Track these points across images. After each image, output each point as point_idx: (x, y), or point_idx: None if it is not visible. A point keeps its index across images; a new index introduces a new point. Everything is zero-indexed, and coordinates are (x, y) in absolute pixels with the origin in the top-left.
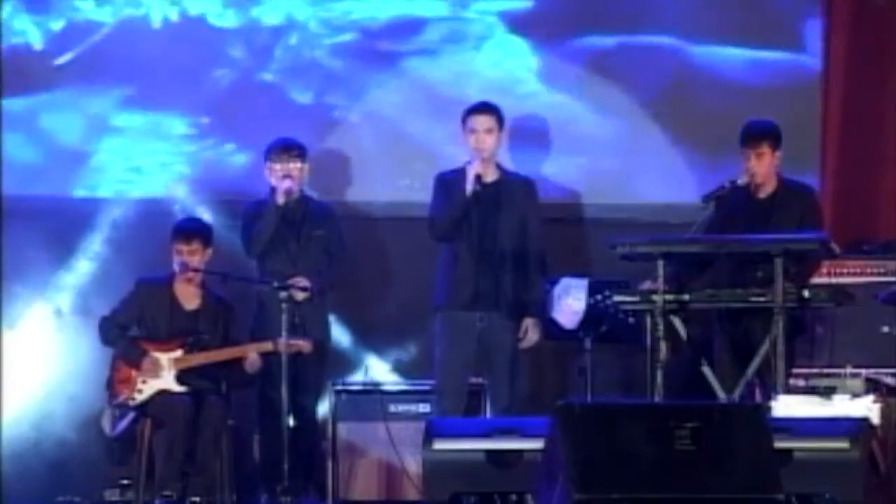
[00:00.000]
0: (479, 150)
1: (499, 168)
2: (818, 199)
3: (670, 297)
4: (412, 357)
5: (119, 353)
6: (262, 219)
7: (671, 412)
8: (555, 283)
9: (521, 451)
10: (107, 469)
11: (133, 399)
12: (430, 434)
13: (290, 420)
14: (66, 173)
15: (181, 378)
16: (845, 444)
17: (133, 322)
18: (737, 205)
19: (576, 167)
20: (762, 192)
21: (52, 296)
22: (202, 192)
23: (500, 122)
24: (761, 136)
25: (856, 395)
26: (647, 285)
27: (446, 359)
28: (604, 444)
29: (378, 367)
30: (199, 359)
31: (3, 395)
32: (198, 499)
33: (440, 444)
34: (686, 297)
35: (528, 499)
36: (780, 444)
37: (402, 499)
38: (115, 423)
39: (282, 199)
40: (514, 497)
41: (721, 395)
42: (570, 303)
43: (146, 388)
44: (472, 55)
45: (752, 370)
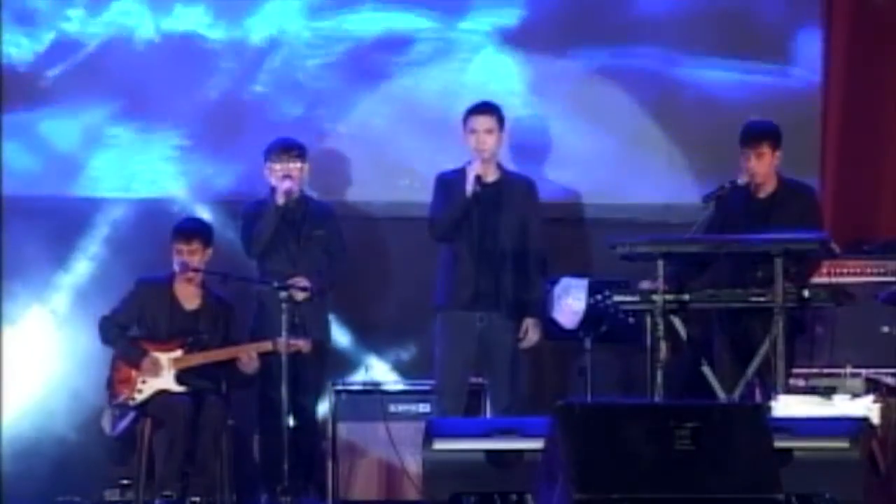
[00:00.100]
0: (480, 151)
1: (499, 168)
2: (818, 199)
3: (670, 297)
4: (412, 357)
5: (119, 352)
6: (262, 219)
7: (671, 412)
8: (555, 283)
9: (521, 451)
10: (107, 469)
11: (133, 399)
12: (430, 434)
13: (290, 420)
14: (61, 178)
15: (181, 378)
16: (845, 444)
17: (133, 322)
18: (737, 205)
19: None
20: (762, 192)
21: (51, 295)
22: (202, 192)
23: (500, 122)
24: (761, 136)
25: (856, 395)
26: (646, 285)
27: (446, 359)
28: (604, 444)
29: (378, 367)
30: (198, 359)
31: (3, 394)
32: (198, 499)
33: (440, 444)
34: (686, 297)
35: (528, 499)
36: (780, 444)
37: (402, 499)
38: (115, 422)
39: (282, 199)
40: (514, 497)
41: (721, 395)
42: (570, 303)
43: (146, 388)
44: (461, 69)
45: (752, 370)
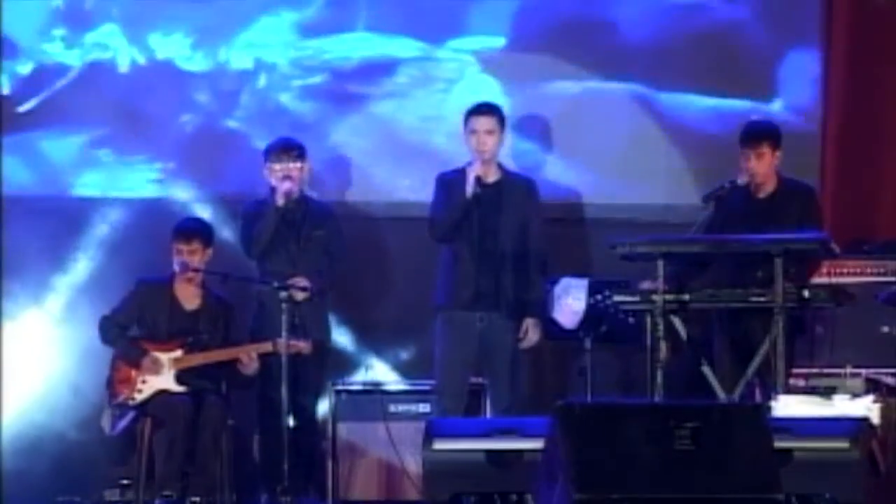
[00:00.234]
0: (480, 152)
1: (500, 168)
2: (818, 199)
3: (670, 297)
4: (412, 357)
5: (119, 352)
6: (262, 220)
7: (671, 412)
8: (555, 283)
9: (521, 451)
10: (107, 469)
11: (133, 399)
12: (430, 434)
13: (290, 420)
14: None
15: (181, 378)
16: (845, 444)
17: (133, 322)
18: (737, 205)
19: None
20: (762, 192)
21: (50, 295)
22: (202, 191)
23: (501, 123)
24: (761, 135)
25: (856, 395)
26: (646, 285)
27: (446, 359)
28: (604, 444)
29: (378, 367)
30: (198, 359)
31: (3, 394)
32: (198, 499)
33: (440, 444)
34: (686, 297)
35: (528, 499)
36: (780, 444)
37: (402, 499)
38: (114, 422)
39: (281, 200)
40: (514, 497)
41: (721, 395)
42: (570, 303)
43: (146, 388)
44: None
45: (752, 370)
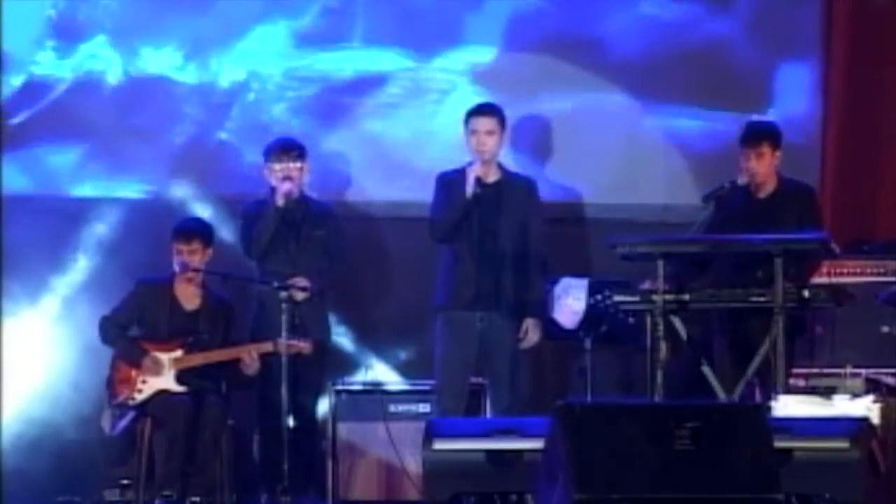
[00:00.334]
0: (480, 152)
1: (500, 168)
2: (818, 199)
3: (670, 297)
4: (412, 357)
5: (119, 352)
6: (262, 220)
7: (671, 412)
8: (555, 283)
9: (521, 451)
10: (107, 469)
11: (133, 399)
12: (430, 434)
13: (290, 420)
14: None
15: (181, 378)
16: (845, 444)
17: (133, 322)
18: (737, 205)
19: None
20: (762, 192)
21: (50, 295)
22: (202, 191)
23: (501, 123)
24: (762, 135)
25: (856, 395)
26: (646, 285)
27: (447, 359)
28: (604, 444)
29: (378, 367)
30: (199, 359)
31: (3, 394)
32: (198, 499)
33: (440, 444)
34: (686, 297)
35: (528, 499)
36: (780, 444)
37: (402, 499)
38: (114, 422)
39: (281, 201)
40: (514, 497)
41: (721, 395)
42: (570, 303)
43: (146, 388)
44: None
45: (752, 370)
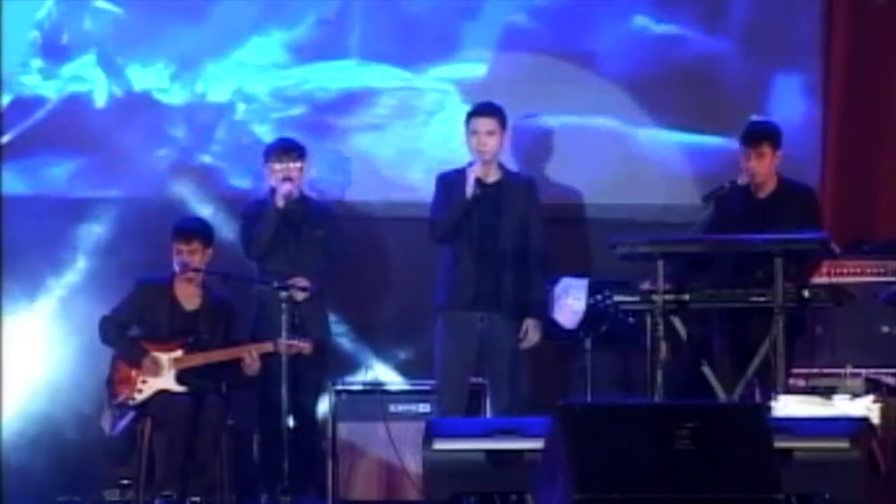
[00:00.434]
0: (481, 153)
1: (500, 168)
2: (818, 199)
3: (670, 297)
4: (412, 357)
5: (119, 352)
6: (262, 221)
7: (671, 412)
8: (555, 283)
9: (521, 451)
10: (107, 469)
11: (133, 399)
12: (430, 434)
13: (290, 420)
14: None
15: (181, 378)
16: (845, 444)
17: (133, 322)
18: (737, 205)
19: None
20: (762, 192)
21: (50, 295)
22: (203, 191)
23: (502, 124)
24: (762, 135)
25: (856, 395)
26: (646, 285)
27: (447, 359)
28: (604, 444)
29: (378, 367)
30: (199, 359)
31: (3, 394)
32: (198, 499)
33: (440, 444)
34: (686, 297)
35: (528, 499)
36: (780, 444)
37: (402, 499)
38: (115, 422)
39: (281, 202)
40: (514, 497)
41: (721, 395)
42: (570, 303)
43: (146, 388)
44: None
45: (752, 370)
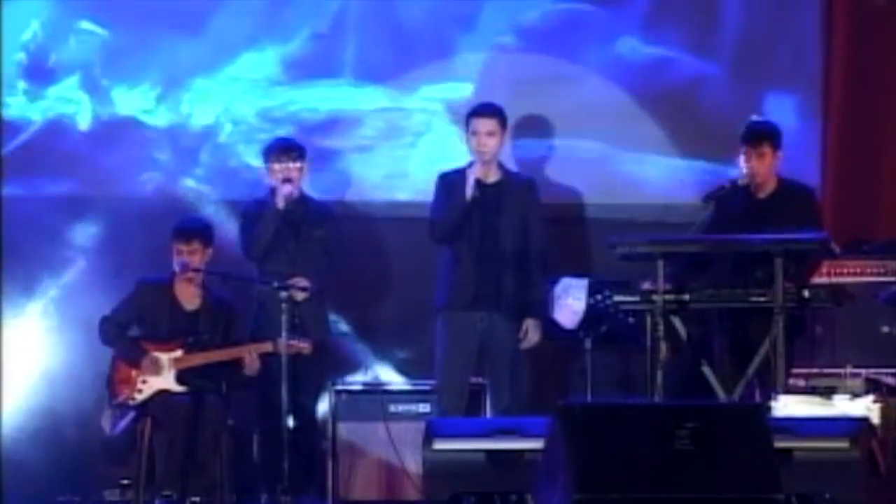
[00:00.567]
0: (481, 153)
1: (500, 168)
2: (818, 199)
3: (670, 297)
4: (413, 357)
5: (119, 352)
6: (262, 222)
7: (671, 412)
8: (555, 283)
9: (521, 451)
10: (107, 469)
11: (133, 399)
12: (430, 434)
13: (290, 420)
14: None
15: (181, 378)
16: (845, 444)
17: (133, 322)
18: (737, 205)
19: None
20: (762, 192)
21: (50, 296)
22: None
23: (502, 124)
24: (763, 135)
25: (856, 395)
26: (646, 285)
27: (447, 359)
28: (604, 444)
29: (379, 367)
30: (199, 359)
31: (3, 394)
32: (198, 499)
33: (440, 444)
34: (686, 297)
35: (528, 499)
36: (780, 444)
37: (402, 499)
38: (115, 422)
39: (282, 203)
40: (514, 497)
41: (721, 395)
42: (570, 303)
43: (146, 388)
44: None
45: (752, 370)
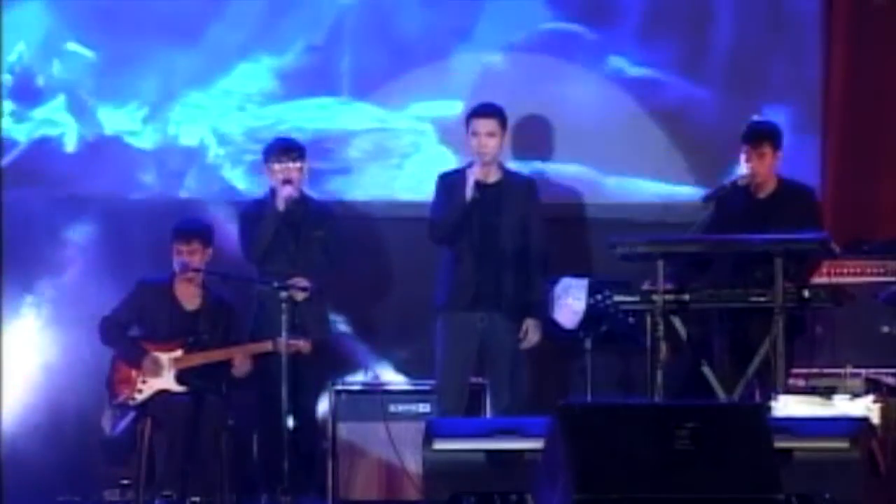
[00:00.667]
0: (481, 154)
1: (501, 168)
2: (818, 199)
3: (670, 297)
4: (413, 357)
5: (119, 352)
6: (262, 223)
7: (671, 412)
8: (555, 283)
9: (521, 451)
10: (107, 469)
11: (133, 399)
12: (430, 434)
13: (290, 420)
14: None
15: (181, 378)
16: (845, 444)
17: (133, 322)
18: (737, 205)
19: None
20: (762, 192)
21: (50, 295)
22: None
23: (503, 124)
24: (763, 135)
25: (856, 395)
26: (646, 285)
27: (447, 359)
28: (604, 444)
29: (379, 367)
30: (199, 359)
31: (3, 395)
32: (198, 499)
33: (440, 444)
34: (686, 297)
35: (528, 499)
36: (780, 444)
37: (402, 499)
38: (115, 422)
39: (282, 205)
40: (514, 497)
41: (721, 395)
42: (570, 303)
43: (146, 388)
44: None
45: (752, 370)
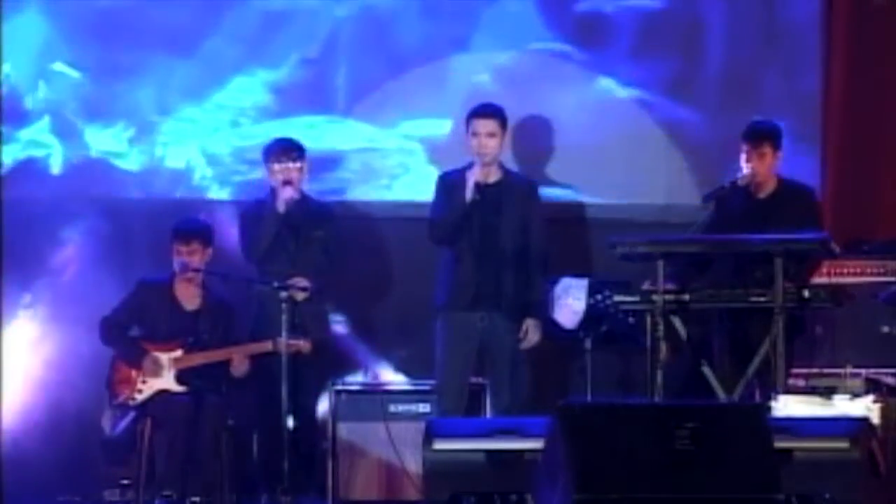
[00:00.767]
0: (481, 154)
1: (501, 168)
2: (818, 199)
3: (670, 297)
4: (413, 357)
5: (119, 353)
6: (262, 224)
7: (671, 412)
8: (555, 283)
9: (521, 451)
10: (107, 469)
11: (133, 399)
12: (430, 434)
13: (290, 420)
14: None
15: (181, 378)
16: (845, 444)
17: (133, 322)
18: (737, 205)
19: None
20: (762, 192)
21: (50, 295)
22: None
23: (503, 125)
24: (763, 135)
25: (856, 395)
26: (646, 285)
27: (447, 359)
28: (604, 444)
29: (379, 367)
30: (199, 359)
31: (3, 395)
32: (198, 499)
33: (440, 444)
34: (686, 297)
35: (528, 499)
36: (780, 444)
37: (402, 499)
38: (115, 422)
39: (282, 207)
40: (514, 497)
41: (721, 395)
42: (570, 303)
43: (146, 388)
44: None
45: (752, 370)
